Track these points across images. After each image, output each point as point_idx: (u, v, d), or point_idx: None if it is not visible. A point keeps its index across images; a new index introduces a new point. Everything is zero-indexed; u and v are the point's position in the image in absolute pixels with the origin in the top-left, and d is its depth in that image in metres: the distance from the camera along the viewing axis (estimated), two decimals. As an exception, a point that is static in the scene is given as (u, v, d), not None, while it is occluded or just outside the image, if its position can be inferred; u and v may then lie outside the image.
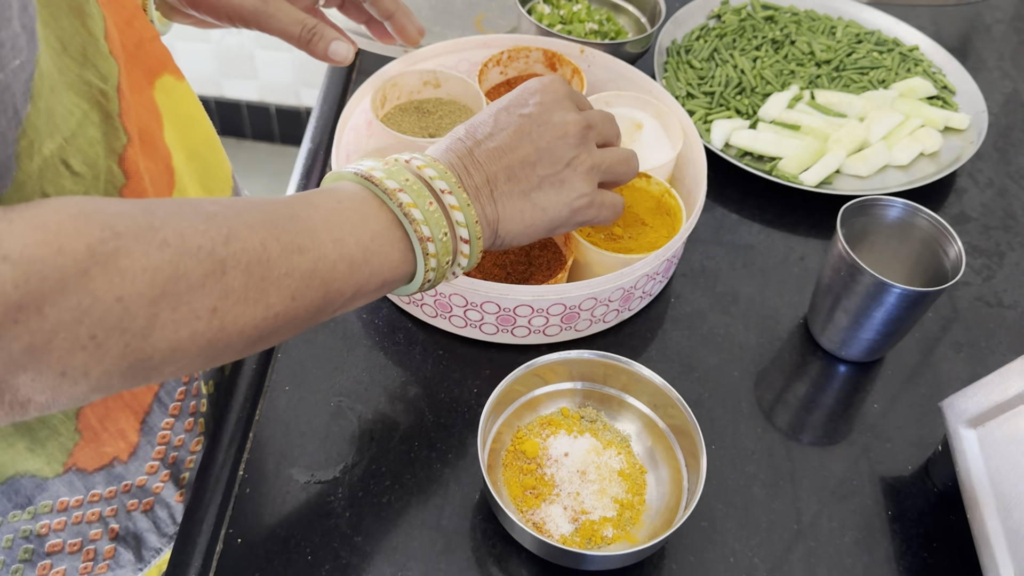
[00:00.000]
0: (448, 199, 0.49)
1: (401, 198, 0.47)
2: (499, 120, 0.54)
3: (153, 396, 0.58)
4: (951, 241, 0.65)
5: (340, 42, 0.63)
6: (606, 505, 0.58)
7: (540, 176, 0.53)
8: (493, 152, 0.52)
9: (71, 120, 0.43)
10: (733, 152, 0.86)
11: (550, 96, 0.55)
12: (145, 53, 0.56)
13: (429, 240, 0.48)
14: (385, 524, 0.58)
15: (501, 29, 0.97)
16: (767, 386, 0.68)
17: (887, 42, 1.00)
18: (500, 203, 0.52)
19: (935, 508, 0.62)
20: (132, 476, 0.59)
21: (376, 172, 0.48)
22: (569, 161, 0.54)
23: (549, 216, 0.54)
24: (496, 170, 0.52)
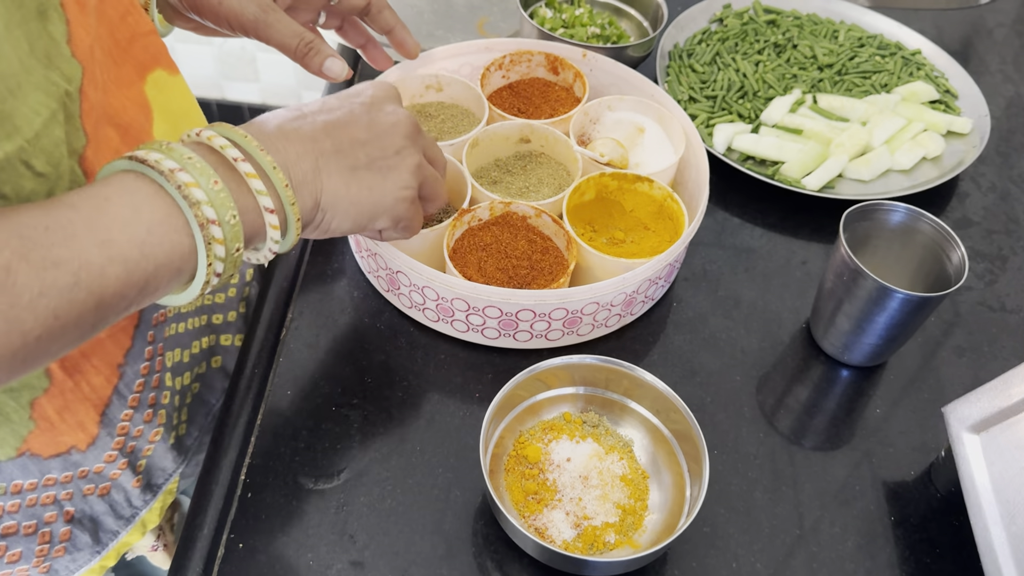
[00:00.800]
0: (243, 167, 0.45)
1: (180, 178, 0.43)
2: (329, 103, 0.53)
3: (112, 389, 0.59)
4: (954, 246, 0.65)
5: (335, 59, 0.63)
6: (608, 510, 0.57)
7: (369, 156, 0.52)
8: (322, 125, 0.51)
9: (36, 120, 0.43)
10: (735, 156, 0.86)
11: (383, 92, 0.55)
12: (138, 48, 0.57)
13: (214, 223, 0.43)
14: (387, 529, 0.58)
15: (503, 33, 0.97)
16: (769, 391, 0.68)
17: (889, 46, 1.00)
18: (325, 172, 0.50)
19: (938, 513, 0.62)
20: (90, 464, 0.60)
21: (152, 153, 0.44)
22: (399, 150, 0.53)
23: (374, 198, 0.52)
24: (323, 141, 0.50)
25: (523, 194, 0.75)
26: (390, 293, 0.70)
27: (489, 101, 0.78)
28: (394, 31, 0.71)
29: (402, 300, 0.69)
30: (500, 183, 0.76)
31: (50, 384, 0.54)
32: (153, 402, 0.63)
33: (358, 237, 0.68)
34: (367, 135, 0.52)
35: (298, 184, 0.48)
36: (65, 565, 0.62)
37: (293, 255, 0.73)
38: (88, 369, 0.56)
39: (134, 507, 0.64)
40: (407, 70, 0.79)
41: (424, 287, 0.65)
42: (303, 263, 0.74)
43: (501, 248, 0.69)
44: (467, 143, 0.73)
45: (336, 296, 0.72)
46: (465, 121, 0.79)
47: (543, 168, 0.77)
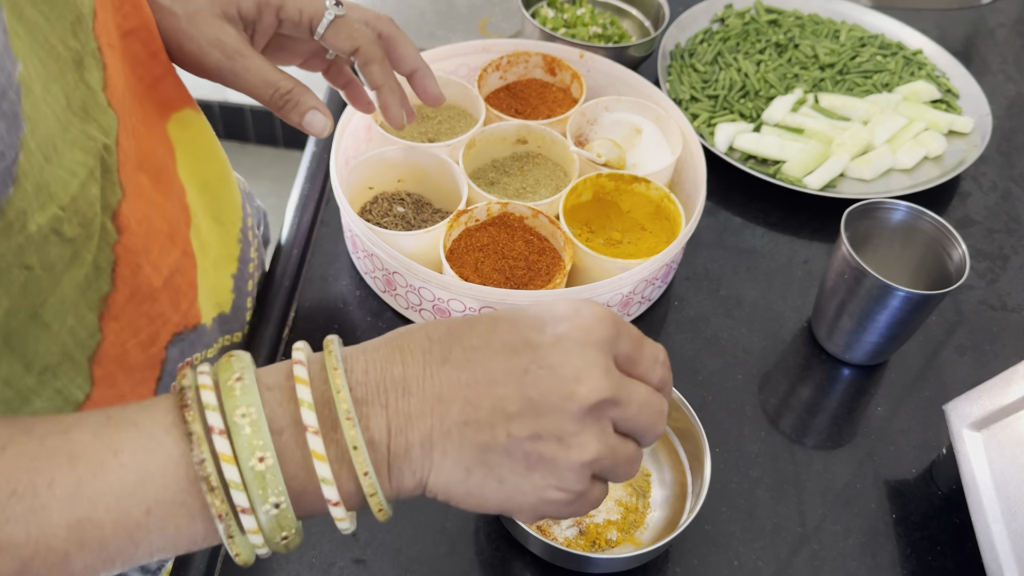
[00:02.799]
0: (313, 442, 0.34)
1: (216, 445, 0.33)
2: (495, 334, 0.37)
3: None
4: (955, 244, 0.65)
5: (317, 112, 0.55)
6: (610, 508, 0.58)
7: (511, 436, 0.35)
8: (462, 376, 0.36)
9: (73, 183, 0.39)
10: (737, 155, 0.86)
11: (578, 331, 0.36)
12: (165, 87, 0.54)
13: (245, 512, 0.33)
14: (389, 527, 0.58)
15: (505, 33, 0.97)
16: (771, 390, 0.68)
17: (891, 46, 1.00)
18: (440, 449, 0.35)
19: (939, 511, 0.62)
20: None
21: (206, 392, 0.34)
22: (564, 437, 0.35)
23: (506, 494, 0.36)
24: (452, 403, 0.35)
25: (520, 195, 0.75)
26: (386, 294, 0.70)
27: (486, 102, 0.78)
28: (382, 90, 0.59)
29: (399, 301, 0.69)
30: (497, 184, 0.76)
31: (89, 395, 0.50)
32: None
33: (354, 235, 0.69)
34: (520, 404, 0.35)
35: (397, 460, 0.35)
36: None
37: (295, 254, 0.73)
38: None
39: (161, 560, 0.61)
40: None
41: (420, 288, 0.65)
42: (305, 263, 0.74)
43: (498, 249, 0.69)
44: (464, 144, 0.73)
45: (338, 295, 0.72)
46: (462, 122, 0.79)
47: (540, 169, 0.77)
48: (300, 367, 0.35)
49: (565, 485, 0.37)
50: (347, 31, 0.55)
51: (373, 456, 0.35)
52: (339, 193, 0.68)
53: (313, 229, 0.77)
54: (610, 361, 0.37)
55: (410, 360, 0.36)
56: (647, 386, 0.38)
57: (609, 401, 0.36)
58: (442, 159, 0.72)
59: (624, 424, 0.38)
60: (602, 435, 0.36)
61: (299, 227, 0.75)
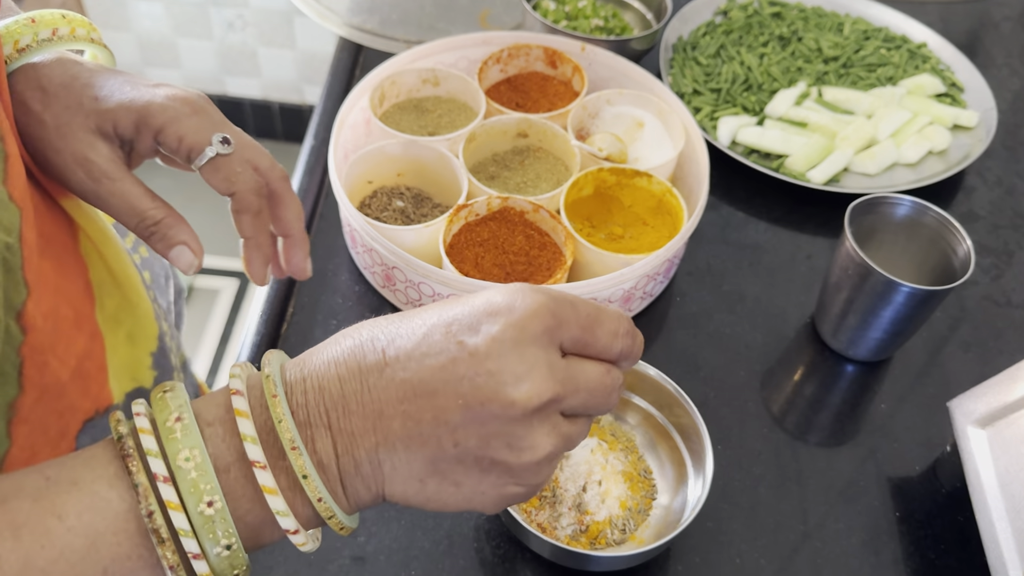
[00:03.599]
0: (263, 478, 0.33)
1: (162, 492, 0.32)
2: (429, 339, 0.35)
3: None
4: (960, 239, 0.65)
5: (185, 248, 0.48)
6: (611, 506, 0.57)
7: (459, 447, 0.35)
8: (398, 392, 0.34)
9: None
10: (740, 149, 0.85)
11: (514, 329, 0.35)
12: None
13: (197, 558, 0.33)
14: (389, 524, 0.57)
15: (506, 25, 0.96)
16: (774, 386, 0.68)
17: (895, 39, 0.99)
18: (389, 465, 0.35)
19: (943, 509, 0.61)
20: None
21: (145, 437, 0.33)
22: (513, 443, 0.35)
23: (464, 495, 0.36)
24: (392, 420, 0.34)
25: (521, 189, 0.74)
26: (385, 289, 0.69)
27: (487, 95, 0.78)
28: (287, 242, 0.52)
29: (398, 296, 0.69)
30: (497, 178, 0.75)
31: None
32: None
33: (353, 230, 0.68)
34: (462, 416, 0.34)
35: (349, 479, 0.35)
36: None
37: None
38: None
39: None
40: (404, 63, 0.79)
41: (420, 283, 0.65)
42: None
43: (498, 244, 0.68)
44: (464, 138, 0.72)
45: (337, 290, 0.71)
46: (462, 116, 0.79)
47: (541, 163, 0.77)
48: (239, 399, 0.34)
49: (523, 481, 0.36)
50: (226, 172, 0.47)
51: (324, 478, 0.34)
52: (338, 187, 0.67)
53: (312, 223, 0.76)
54: (552, 355, 0.35)
55: (347, 376, 0.35)
56: (598, 366, 0.37)
57: (554, 400, 0.35)
58: (442, 153, 0.71)
59: (573, 410, 0.37)
60: (552, 431, 0.36)
61: (298, 221, 0.75)
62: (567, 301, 0.37)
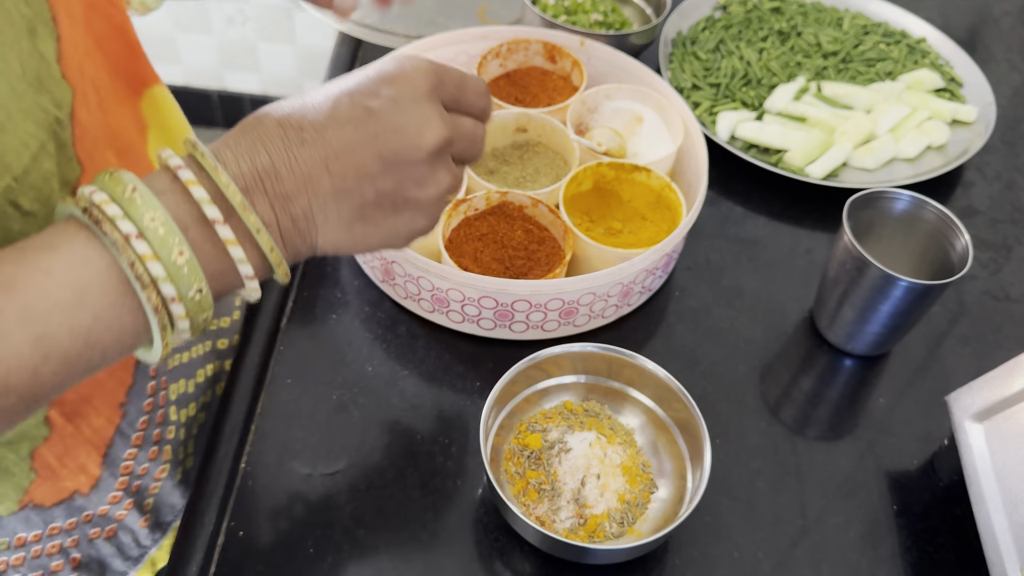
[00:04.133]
0: (223, 232, 0.38)
1: (137, 248, 0.36)
2: (337, 110, 0.41)
3: (115, 429, 0.56)
4: (958, 234, 0.65)
5: None
6: (609, 499, 0.57)
7: (379, 192, 0.42)
8: (322, 153, 0.40)
9: (25, 155, 0.39)
10: (739, 144, 0.85)
11: (408, 89, 0.42)
12: (132, 64, 0.53)
13: (175, 301, 0.37)
14: (387, 517, 0.58)
15: (505, 20, 0.96)
16: (772, 380, 0.68)
17: (894, 34, 0.99)
18: (321, 217, 0.41)
19: (941, 503, 0.61)
20: (94, 507, 0.57)
21: (109, 205, 0.36)
22: (420, 181, 0.43)
23: (383, 233, 0.44)
24: (321, 179, 0.40)
25: (520, 184, 0.74)
26: (385, 283, 0.70)
27: (489, 90, 0.78)
28: None
29: (397, 291, 0.69)
30: (497, 173, 0.75)
31: (50, 432, 0.52)
32: (158, 439, 0.61)
33: None
34: (379, 165, 0.41)
35: (288, 234, 0.41)
36: None
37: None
38: (89, 412, 0.53)
39: (142, 547, 0.62)
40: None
41: (419, 277, 0.65)
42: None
43: (497, 238, 0.68)
44: (467, 131, 0.72)
45: (337, 284, 0.71)
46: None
47: (540, 158, 0.77)
48: (184, 171, 0.38)
49: (430, 214, 0.45)
50: None
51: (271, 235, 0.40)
52: None
53: (311, 218, 0.76)
54: (440, 108, 0.43)
55: (271, 148, 0.40)
56: (470, 119, 0.46)
57: (447, 141, 0.43)
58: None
59: (457, 155, 0.46)
60: (448, 169, 0.44)
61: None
62: (442, 66, 0.44)
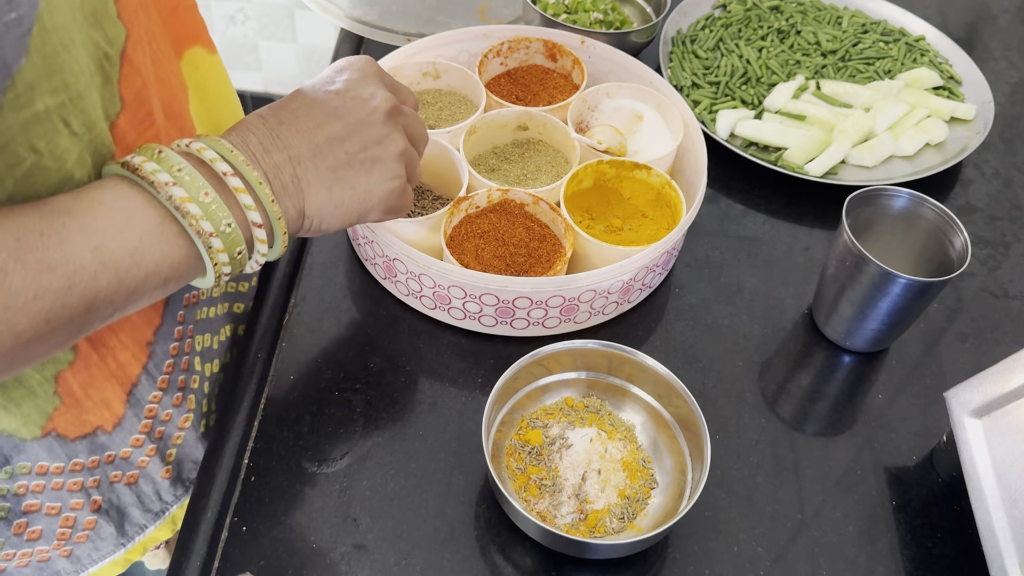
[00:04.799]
0: (232, 181, 0.46)
1: (172, 192, 0.43)
2: (303, 98, 0.51)
3: (141, 368, 0.57)
4: (957, 231, 0.65)
5: None
6: (610, 494, 0.58)
7: (348, 153, 0.50)
8: (297, 129, 0.49)
9: (81, 80, 0.43)
10: (738, 142, 0.86)
11: (358, 73, 0.53)
12: (179, 22, 0.56)
13: (212, 235, 0.45)
14: (390, 512, 0.58)
15: (505, 18, 0.96)
16: (771, 377, 0.68)
17: (893, 32, 0.99)
18: (305, 180, 0.49)
19: (939, 498, 0.62)
20: (116, 447, 0.58)
21: (145, 164, 0.44)
22: (380, 139, 0.51)
23: (360, 196, 0.51)
24: (300, 147, 0.49)
25: (521, 181, 0.74)
26: (387, 281, 0.70)
27: (487, 88, 0.78)
28: None
29: (399, 288, 0.69)
30: (498, 171, 0.75)
31: (75, 357, 0.53)
32: (183, 385, 0.61)
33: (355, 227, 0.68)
34: (345, 130, 0.50)
35: (280, 195, 0.48)
36: (87, 552, 0.61)
37: (295, 240, 0.73)
38: (115, 344, 0.55)
39: (164, 502, 0.63)
40: (404, 57, 0.79)
41: (421, 275, 0.65)
42: (306, 249, 0.74)
43: (498, 236, 0.69)
44: (464, 131, 0.73)
45: (338, 282, 0.72)
46: (463, 109, 0.79)
47: (541, 156, 0.77)
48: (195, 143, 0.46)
49: (394, 172, 0.52)
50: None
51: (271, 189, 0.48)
52: None
53: (313, 216, 0.76)
54: (384, 86, 0.53)
55: (258, 131, 0.49)
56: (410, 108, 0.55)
57: (396, 108, 0.53)
58: (443, 146, 0.72)
59: (406, 127, 0.54)
60: (402, 132, 0.53)
61: (299, 214, 0.75)
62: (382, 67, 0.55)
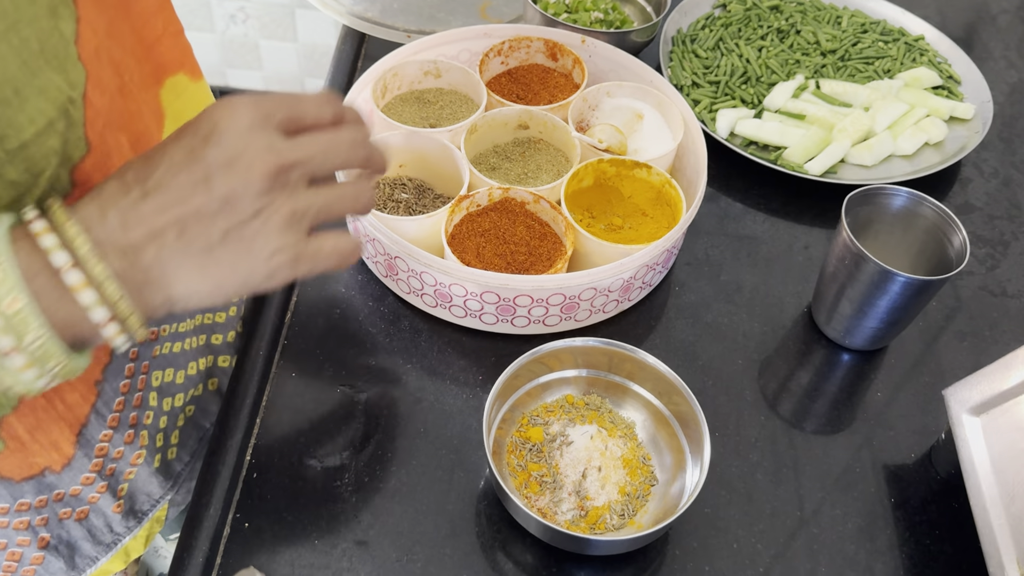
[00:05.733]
0: (70, 278, 0.38)
1: None
2: (170, 160, 0.42)
3: (91, 407, 0.56)
4: (955, 230, 0.65)
5: None
6: (610, 491, 0.58)
7: (223, 230, 0.41)
8: (161, 203, 0.41)
9: (29, 130, 0.41)
10: (738, 141, 0.86)
11: (232, 126, 0.42)
12: (161, 50, 0.54)
13: (14, 351, 0.38)
14: (391, 509, 0.58)
15: (506, 17, 0.97)
16: (771, 375, 0.68)
17: (892, 32, 0.99)
18: (173, 263, 0.41)
19: (938, 496, 0.62)
20: (65, 486, 0.57)
21: None
22: (259, 211, 0.42)
23: (242, 276, 0.42)
24: (165, 225, 0.41)
25: (522, 180, 0.75)
26: (388, 279, 0.70)
27: (488, 87, 0.78)
28: None
29: (400, 286, 0.69)
30: (499, 169, 0.76)
31: (20, 402, 0.51)
32: (135, 422, 0.60)
33: (357, 222, 0.69)
34: (216, 204, 0.41)
35: (140, 285, 0.41)
36: None
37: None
38: (62, 386, 0.53)
39: (116, 534, 0.62)
40: (405, 56, 0.79)
41: (422, 273, 0.65)
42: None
43: (499, 234, 0.69)
44: (465, 129, 0.73)
45: (340, 279, 0.72)
46: (464, 107, 0.79)
47: (541, 154, 0.77)
48: (37, 222, 0.39)
49: (278, 245, 0.42)
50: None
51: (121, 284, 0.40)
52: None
53: (314, 214, 0.77)
54: (271, 135, 0.42)
55: (118, 204, 0.41)
56: (323, 131, 0.44)
57: (284, 167, 0.42)
58: (444, 144, 0.72)
59: (320, 171, 0.43)
60: (292, 195, 0.42)
61: (300, 212, 0.75)
62: (268, 95, 0.43)
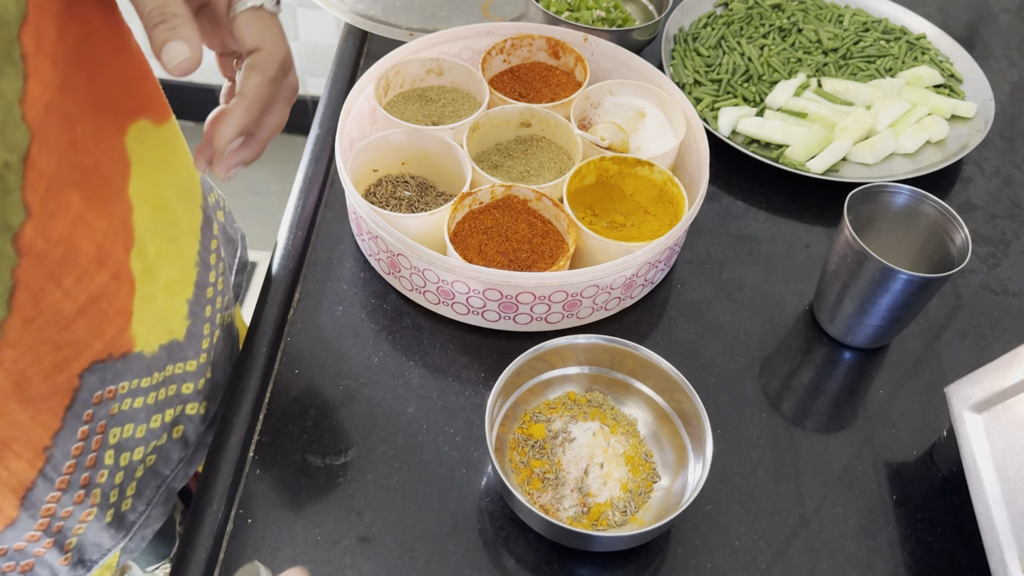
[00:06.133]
0: None
1: None
2: None
3: (37, 472, 0.53)
4: (957, 228, 0.65)
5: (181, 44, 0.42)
6: (612, 488, 0.58)
7: None
8: None
9: None
10: (740, 140, 0.86)
11: None
12: (123, 95, 0.50)
13: None
14: (393, 506, 0.58)
15: (508, 15, 0.97)
16: (772, 373, 0.68)
17: (894, 30, 0.99)
18: None
19: (939, 493, 0.62)
20: (8, 543, 0.55)
21: None
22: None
23: None
24: None
25: (524, 178, 0.75)
26: (391, 276, 0.70)
27: (490, 85, 0.78)
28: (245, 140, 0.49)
29: (403, 283, 0.69)
30: (501, 167, 0.76)
31: None
32: (86, 482, 0.57)
33: (359, 217, 0.69)
34: None
35: None
36: None
37: (300, 236, 0.73)
38: (6, 455, 0.50)
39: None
40: (408, 54, 0.80)
41: (425, 270, 0.65)
42: (309, 245, 0.74)
43: (502, 231, 0.69)
44: (468, 127, 0.73)
45: (342, 276, 0.72)
46: (466, 105, 0.79)
47: (544, 152, 0.77)
48: None
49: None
50: (261, 26, 0.45)
51: None
52: (344, 175, 0.68)
53: (317, 211, 0.77)
54: None
55: None
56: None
57: None
58: (446, 142, 0.72)
59: None
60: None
61: (303, 209, 0.76)
62: None
